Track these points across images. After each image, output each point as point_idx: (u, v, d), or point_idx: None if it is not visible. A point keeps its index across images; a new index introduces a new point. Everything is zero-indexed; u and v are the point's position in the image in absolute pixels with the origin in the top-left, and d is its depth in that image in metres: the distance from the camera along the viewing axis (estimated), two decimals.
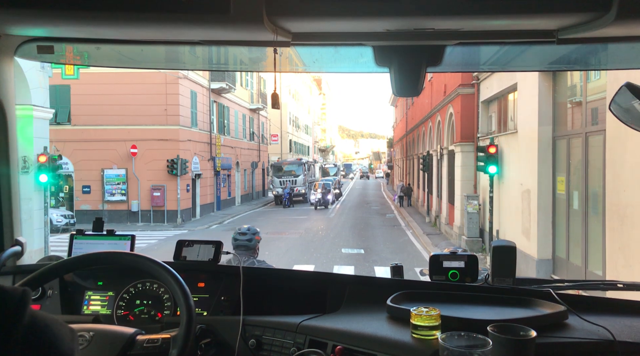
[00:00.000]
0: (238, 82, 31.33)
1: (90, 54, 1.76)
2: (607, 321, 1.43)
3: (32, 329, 0.63)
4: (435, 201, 20.93)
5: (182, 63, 1.97)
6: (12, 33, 1.42)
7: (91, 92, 21.91)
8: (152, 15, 1.13)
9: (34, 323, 0.64)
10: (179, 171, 22.10)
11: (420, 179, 27.35)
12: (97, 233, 1.99)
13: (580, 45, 1.42)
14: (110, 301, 1.86)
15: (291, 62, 1.78)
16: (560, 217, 9.32)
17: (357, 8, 1.14)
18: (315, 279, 1.99)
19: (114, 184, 22.46)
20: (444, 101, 17.66)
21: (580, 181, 8.35)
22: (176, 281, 1.35)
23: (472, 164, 14.98)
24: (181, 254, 1.92)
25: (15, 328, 0.61)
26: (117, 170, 22.33)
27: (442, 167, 19.16)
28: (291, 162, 35.56)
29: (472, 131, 14.93)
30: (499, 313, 1.53)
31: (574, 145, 8.77)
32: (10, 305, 0.62)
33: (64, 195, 23.10)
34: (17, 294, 0.63)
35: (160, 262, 1.41)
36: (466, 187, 15.13)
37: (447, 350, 1.15)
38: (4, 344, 0.60)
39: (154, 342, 1.34)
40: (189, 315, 1.30)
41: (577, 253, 8.55)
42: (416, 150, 29.40)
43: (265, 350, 1.64)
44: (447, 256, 1.82)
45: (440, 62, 1.44)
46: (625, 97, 1.26)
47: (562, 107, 9.41)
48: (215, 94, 27.50)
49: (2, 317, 0.61)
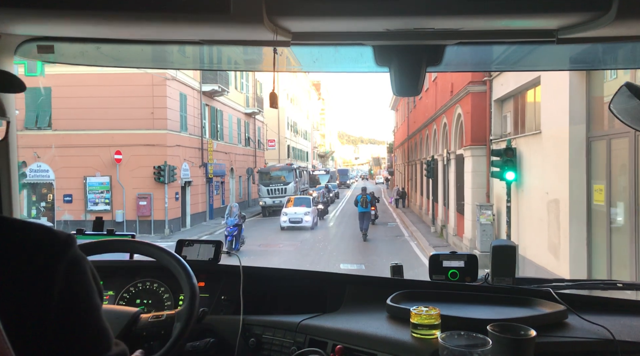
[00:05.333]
0: (232, 85, 29.99)
1: (90, 54, 1.68)
2: (606, 321, 1.44)
3: (73, 266, 0.81)
4: (441, 210, 19.45)
5: (182, 63, 2.00)
6: (13, 32, 1.39)
7: (73, 95, 20.54)
8: (152, 15, 1.14)
9: (75, 262, 0.82)
10: (167, 179, 20.72)
11: (423, 186, 25.88)
12: (97, 232, 2.17)
13: (581, 44, 1.40)
14: (110, 300, 1.88)
15: (291, 62, 1.72)
16: (599, 232, 7.85)
17: (357, 8, 1.14)
18: (315, 279, 1.99)
19: (97, 193, 21.04)
20: (451, 100, 16.23)
21: (626, 190, 6.90)
22: (178, 262, 1.46)
23: (484, 169, 13.55)
24: (181, 254, 1.94)
25: (60, 263, 0.79)
26: (100, 178, 20.91)
27: (448, 173, 17.70)
28: (280, 167, 31.88)
29: (484, 133, 13.50)
30: (499, 312, 1.55)
31: (616, 147, 7.33)
32: (58, 243, 0.81)
33: (45, 205, 21.72)
34: (63, 236, 0.83)
35: (163, 247, 1.51)
36: (478, 195, 13.66)
37: (446, 350, 1.15)
38: (50, 275, 0.78)
39: (159, 317, 1.42)
40: (192, 292, 1.39)
41: (622, 277, 7.08)
42: (419, 155, 27.96)
43: (265, 349, 1.67)
44: (447, 255, 1.85)
45: (440, 62, 1.43)
46: (625, 97, 1.26)
47: (598, 103, 7.98)
48: (208, 97, 26.13)
49: (50, 252, 0.79)
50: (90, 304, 0.84)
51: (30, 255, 0.77)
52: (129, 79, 20.58)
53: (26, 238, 0.79)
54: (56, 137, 20.69)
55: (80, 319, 0.81)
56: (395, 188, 35.73)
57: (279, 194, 29.11)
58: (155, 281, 1.88)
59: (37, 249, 0.78)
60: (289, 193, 28.93)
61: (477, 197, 13.64)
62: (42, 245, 0.79)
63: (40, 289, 0.76)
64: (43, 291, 0.76)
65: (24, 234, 0.79)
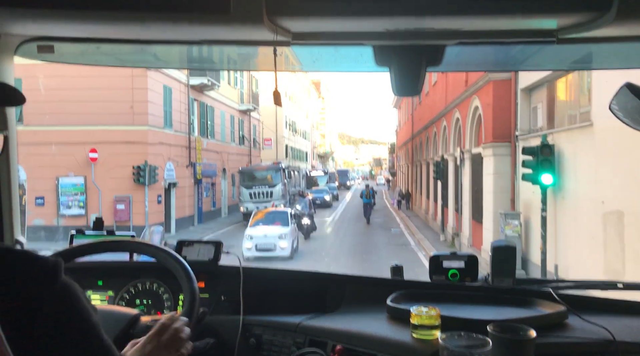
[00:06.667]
0: (225, 80, 28.01)
1: (90, 54, 1.70)
2: (607, 321, 1.44)
3: (63, 293, 0.81)
4: (452, 216, 17.43)
5: (181, 62, 1.98)
6: (13, 32, 1.41)
7: (45, 87, 18.52)
8: (152, 15, 1.15)
9: (65, 288, 0.82)
10: (147, 180, 18.75)
11: (430, 188, 23.85)
12: (97, 232, 2.11)
13: (582, 44, 1.40)
14: (110, 301, 1.88)
15: (291, 62, 1.75)
16: None
17: (357, 7, 1.15)
18: (315, 279, 2.01)
19: (71, 195, 19.07)
20: (466, 92, 14.21)
21: None
22: (178, 262, 1.44)
23: (508, 171, 11.54)
24: (181, 254, 1.91)
25: (48, 290, 0.78)
26: (74, 178, 18.94)
27: (462, 175, 15.67)
28: (266, 167, 27.22)
29: (508, 128, 11.49)
30: (499, 312, 1.56)
31: None
32: (45, 270, 0.80)
33: (19, 208, 19.73)
34: (50, 262, 0.81)
35: (164, 247, 1.51)
36: (500, 201, 11.64)
37: (447, 350, 1.16)
38: (38, 303, 0.77)
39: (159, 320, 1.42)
40: (192, 292, 1.38)
41: None
42: (425, 155, 25.94)
43: (265, 350, 1.69)
44: (447, 256, 1.84)
45: (440, 61, 1.43)
46: (625, 97, 1.24)
47: None
48: (197, 91, 24.13)
49: (38, 280, 0.78)
50: (88, 325, 0.85)
51: (16, 286, 0.77)
52: (106, 70, 18.48)
53: (10, 267, 0.78)
54: (27, 134, 18.66)
55: (82, 343, 0.83)
56: (398, 189, 35.64)
57: (264, 198, 25.21)
58: (155, 282, 1.90)
59: (22, 280, 0.78)
60: (275, 197, 25.33)
61: (499, 203, 11.62)
62: (29, 275, 0.79)
63: (29, 319, 0.77)
64: (32, 322, 0.77)
65: (8, 264, 0.79)
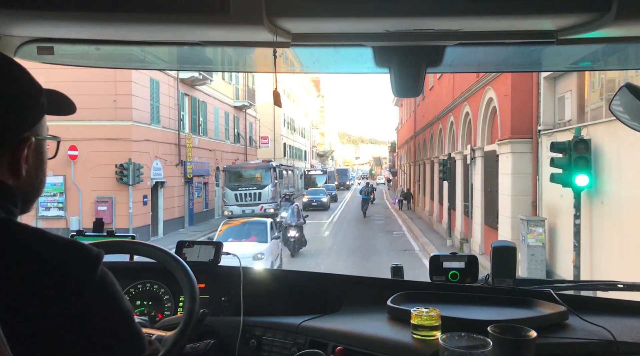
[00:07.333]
0: (218, 75, 26.62)
1: (90, 55, 1.69)
2: (607, 322, 1.44)
3: (102, 281, 0.85)
4: (461, 219, 16.06)
5: (181, 63, 2.03)
6: (12, 34, 1.38)
7: None
8: (151, 15, 1.14)
9: (104, 276, 0.86)
10: (131, 179, 17.41)
11: (434, 189, 22.48)
12: (97, 234, 2.10)
13: (581, 45, 1.37)
14: None
15: (291, 63, 1.73)
16: None
17: (356, 9, 1.14)
18: (315, 280, 2.01)
19: (49, 196, 17.70)
20: (478, 83, 12.85)
21: None
22: (178, 263, 1.44)
23: (529, 171, 10.18)
24: (181, 255, 1.94)
25: (90, 278, 0.83)
26: (52, 177, 17.53)
27: (472, 176, 14.30)
28: (255, 165, 24.68)
29: (528, 122, 10.13)
30: (499, 313, 1.56)
31: None
32: (88, 258, 0.84)
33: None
34: (94, 251, 0.86)
35: (164, 248, 1.50)
36: (520, 205, 10.28)
37: (447, 351, 1.17)
38: (80, 290, 0.81)
39: None
40: (192, 293, 1.37)
41: None
42: (428, 153, 24.57)
43: (266, 351, 1.69)
44: (447, 256, 1.85)
45: (440, 62, 1.44)
46: (625, 98, 1.24)
47: None
48: (187, 85, 22.77)
49: (81, 268, 0.83)
50: (123, 311, 0.88)
51: (63, 273, 0.81)
52: None
53: (58, 254, 0.82)
54: None
55: (118, 328, 0.87)
56: (399, 189, 35.33)
57: (251, 200, 22.78)
58: (155, 283, 1.90)
59: (70, 266, 0.82)
60: (264, 200, 22.96)
61: (518, 207, 10.26)
62: (74, 262, 0.83)
63: (73, 305, 0.80)
64: (76, 307, 0.80)
65: (56, 251, 0.82)
